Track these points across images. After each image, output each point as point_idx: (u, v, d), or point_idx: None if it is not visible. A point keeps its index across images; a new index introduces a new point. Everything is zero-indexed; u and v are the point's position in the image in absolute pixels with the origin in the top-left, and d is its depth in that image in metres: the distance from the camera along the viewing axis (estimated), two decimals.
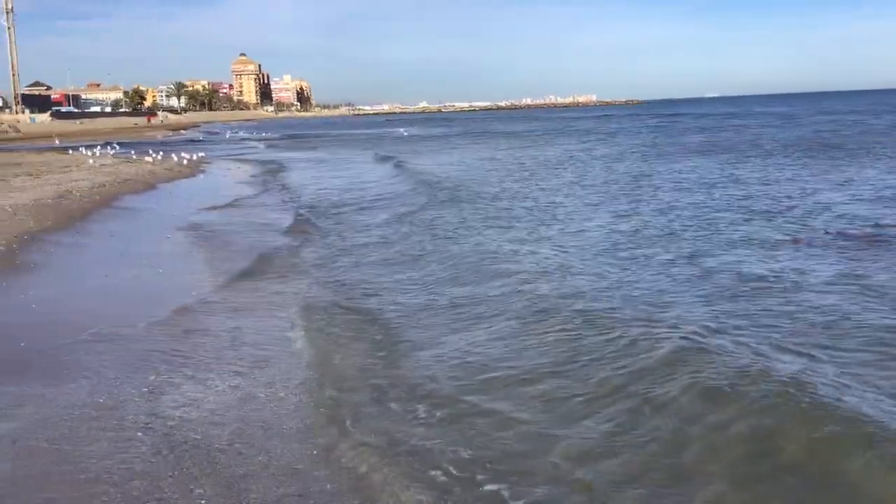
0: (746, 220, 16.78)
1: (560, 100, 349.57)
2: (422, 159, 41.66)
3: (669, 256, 13.28)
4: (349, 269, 13.54)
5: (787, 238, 14.51)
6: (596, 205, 20.57)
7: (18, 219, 17.67)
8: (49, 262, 13.87)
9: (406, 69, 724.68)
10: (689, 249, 13.82)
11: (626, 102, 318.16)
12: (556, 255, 13.83)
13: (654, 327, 8.79)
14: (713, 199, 20.53)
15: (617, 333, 8.68)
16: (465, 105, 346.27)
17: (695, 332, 8.49)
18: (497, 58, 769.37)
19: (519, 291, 11.06)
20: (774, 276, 11.41)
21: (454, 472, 5.92)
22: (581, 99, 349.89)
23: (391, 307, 10.73)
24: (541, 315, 9.78)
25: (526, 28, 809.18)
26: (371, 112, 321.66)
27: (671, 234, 15.59)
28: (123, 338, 9.37)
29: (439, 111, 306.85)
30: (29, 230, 16.44)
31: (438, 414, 7.01)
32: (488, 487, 5.71)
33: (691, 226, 16.43)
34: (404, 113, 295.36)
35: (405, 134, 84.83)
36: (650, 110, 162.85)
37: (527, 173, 30.87)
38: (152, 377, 7.98)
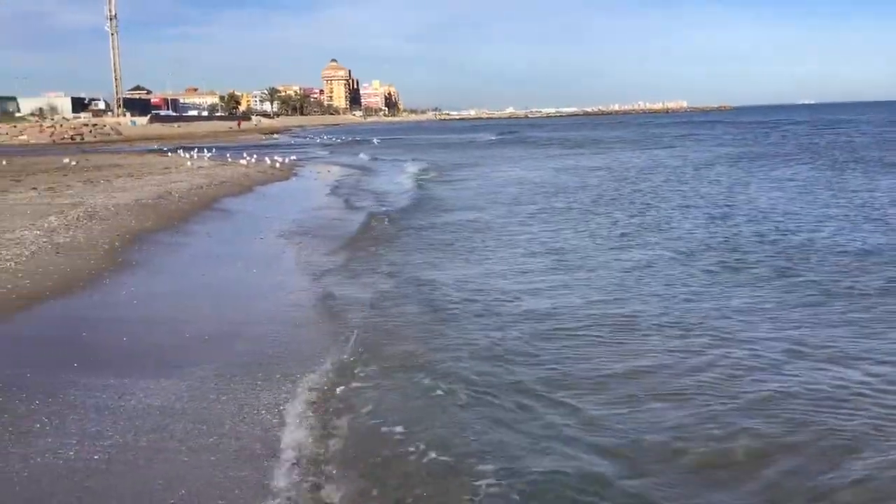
0: None
1: (649, 106, 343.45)
2: (506, 166, 41.33)
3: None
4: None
5: None
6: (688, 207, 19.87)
7: (120, 218, 18.18)
8: (149, 260, 14.17)
9: (493, 75, 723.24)
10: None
11: (719, 108, 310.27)
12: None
13: None
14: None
15: None
16: (552, 111, 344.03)
17: None
18: (585, 63, 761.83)
19: None
20: None
21: None
22: (671, 105, 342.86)
23: (484, 300, 10.49)
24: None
25: (615, 33, 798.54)
26: (458, 117, 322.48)
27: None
28: (220, 336, 9.41)
29: (526, 117, 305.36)
30: (130, 229, 16.88)
31: None
32: None
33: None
34: (490, 118, 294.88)
35: (492, 139, 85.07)
36: (744, 116, 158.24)
37: (634, 183, 30.21)
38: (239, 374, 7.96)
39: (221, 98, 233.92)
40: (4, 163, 43.01)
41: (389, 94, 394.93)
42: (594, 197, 24.67)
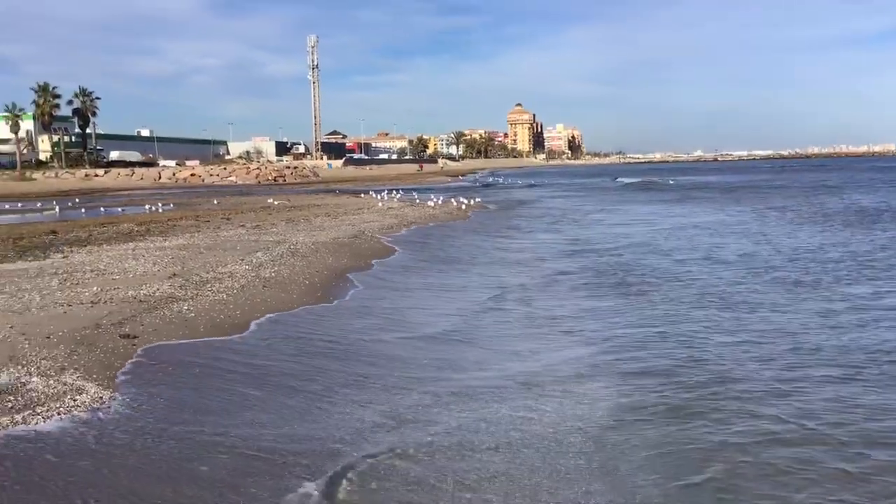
0: None
1: (852, 149, 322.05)
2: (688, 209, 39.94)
3: None
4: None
5: None
6: None
7: (319, 255, 19.24)
8: (345, 294, 14.86)
9: (680, 117, 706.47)
10: None
11: None
12: None
13: None
14: None
15: None
16: (744, 153, 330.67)
17: None
18: (780, 104, 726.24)
19: None
20: None
21: None
22: (877, 148, 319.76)
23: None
24: None
25: (815, 73, 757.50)
26: (643, 160, 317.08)
27: None
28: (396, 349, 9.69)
29: (715, 160, 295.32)
30: (328, 265, 17.81)
31: None
32: None
33: None
34: (677, 162, 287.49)
35: (671, 183, 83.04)
36: None
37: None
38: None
39: (410, 142, 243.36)
40: (216, 202, 46.90)
41: (573, 137, 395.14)
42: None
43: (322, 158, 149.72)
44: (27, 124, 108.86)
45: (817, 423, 7.76)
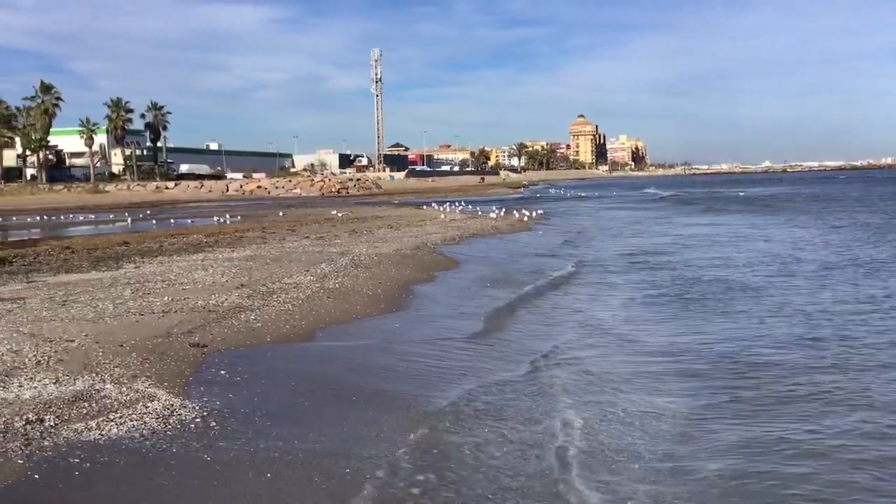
0: None
1: None
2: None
3: None
4: None
5: None
6: None
7: (382, 267, 19.38)
8: (409, 305, 14.93)
9: (748, 127, 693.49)
10: None
11: None
12: None
13: None
14: None
15: None
16: (814, 164, 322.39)
17: None
18: (851, 114, 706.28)
19: None
20: None
21: None
22: None
23: None
24: None
25: (889, 82, 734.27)
26: (709, 171, 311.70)
27: None
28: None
29: (784, 171, 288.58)
30: (391, 277, 17.92)
31: None
32: None
33: None
34: (745, 173, 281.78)
35: (741, 195, 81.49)
36: None
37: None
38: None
39: (472, 153, 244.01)
40: (282, 214, 47.72)
41: (636, 148, 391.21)
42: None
43: (384, 170, 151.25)
44: (101, 138, 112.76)
45: None
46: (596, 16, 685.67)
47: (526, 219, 40.51)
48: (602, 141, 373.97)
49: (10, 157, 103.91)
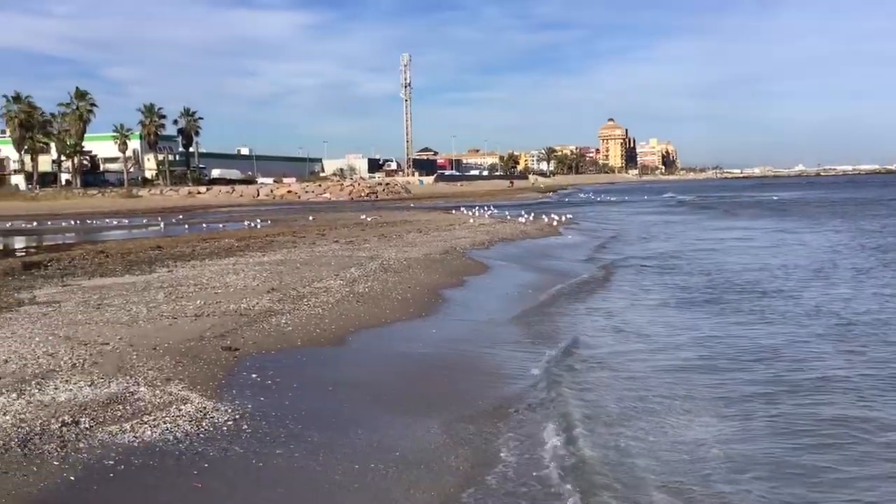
0: None
1: None
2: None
3: None
4: None
5: None
6: None
7: (412, 271, 19.39)
8: (438, 310, 14.92)
9: (781, 131, 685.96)
10: None
11: None
12: None
13: None
14: None
15: None
16: (848, 168, 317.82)
17: None
18: (886, 117, 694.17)
19: None
20: None
21: None
22: None
23: None
24: None
25: None
26: (741, 175, 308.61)
27: None
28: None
29: (818, 175, 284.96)
30: (420, 281, 17.92)
31: None
32: None
33: None
34: (777, 177, 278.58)
35: (775, 199, 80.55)
36: None
37: None
38: None
39: (501, 158, 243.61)
40: (311, 218, 47.97)
41: (667, 152, 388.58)
42: None
43: (413, 175, 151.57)
44: (134, 143, 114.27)
45: None
46: (626, 19, 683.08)
47: (555, 223, 40.33)
48: (632, 145, 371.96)
49: (45, 163, 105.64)
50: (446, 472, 7.07)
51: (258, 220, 44.70)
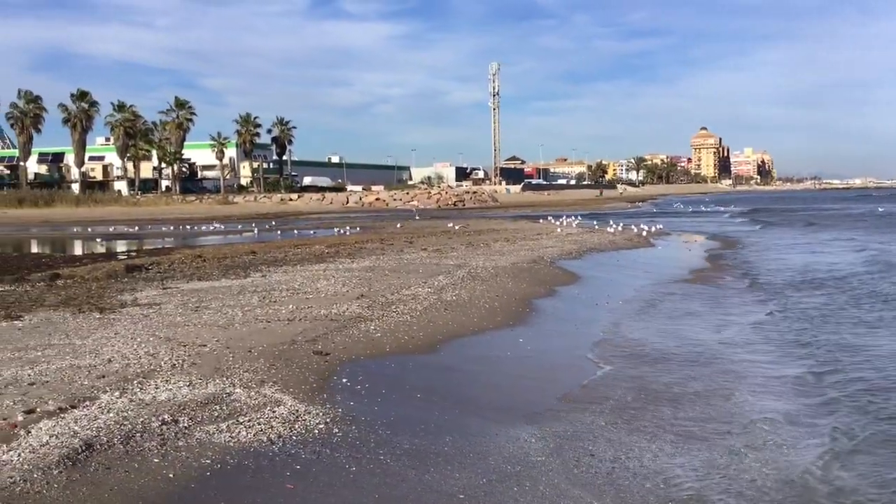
0: None
1: None
2: None
3: None
4: None
5: None
6: None
7: (499, 280, 19.32)
8: (526, 319, 14.82)
9: (882, 140, 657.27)
10: None
11: None
12: None
13: None
14: None
15: None
16: None
17: None
18: None
19: None
20: None
21: None
22: None
23: None
24: None
25: None
26: (841, 186, 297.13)
27: None
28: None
29: None
30: (508, 290, 17.84)
31: None
32: None
33: None
34: (879, 188, 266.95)
35: (881, 210, 77.00)
36: None
37: None
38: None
39: (589, 167, 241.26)
40: (399, 226, 48.50)
41: (762, 161, 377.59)
42: None
43: (501, 184, 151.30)
44: (230, 152, 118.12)
45: None
46: (719, 26, 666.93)
47: (645, 233, 39.57)
48: (725, 154, 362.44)
49: (146, 169, 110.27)
50: (540, 482, 7.00)
51: (347, 227, 45.38)
